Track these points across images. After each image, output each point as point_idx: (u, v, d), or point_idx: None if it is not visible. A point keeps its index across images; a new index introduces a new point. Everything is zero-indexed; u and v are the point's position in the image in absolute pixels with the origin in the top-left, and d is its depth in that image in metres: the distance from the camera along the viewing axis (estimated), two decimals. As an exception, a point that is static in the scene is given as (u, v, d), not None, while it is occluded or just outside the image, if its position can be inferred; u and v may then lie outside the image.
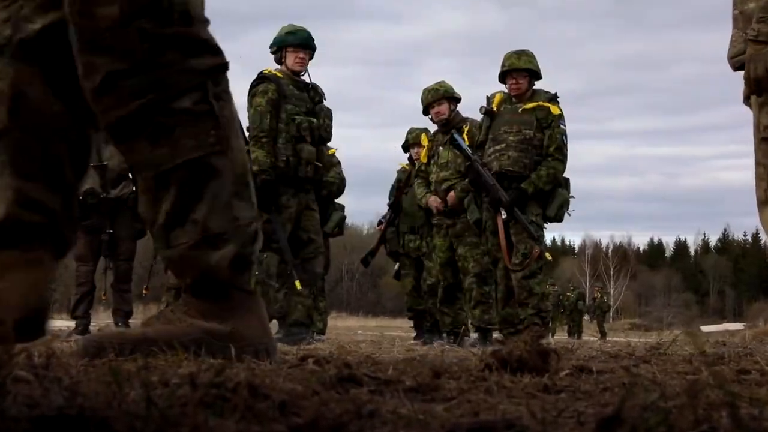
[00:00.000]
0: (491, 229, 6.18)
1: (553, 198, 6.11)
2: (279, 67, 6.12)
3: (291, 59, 6.04)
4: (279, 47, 6.08)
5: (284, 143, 5.88)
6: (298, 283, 5.91)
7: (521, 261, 6.00)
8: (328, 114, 6.16)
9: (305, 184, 6.04)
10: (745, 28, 4.06)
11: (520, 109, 6.16)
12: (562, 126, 6.11)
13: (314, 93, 6.15)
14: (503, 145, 6.13)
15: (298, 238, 6.06)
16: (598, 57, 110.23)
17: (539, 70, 6.24)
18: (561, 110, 6.16)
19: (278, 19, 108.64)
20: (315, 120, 6.02)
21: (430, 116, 7.04)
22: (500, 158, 6.12)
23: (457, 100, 7.04)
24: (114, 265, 7.79)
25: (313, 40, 6.12)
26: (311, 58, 6.15)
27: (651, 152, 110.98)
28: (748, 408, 1.69)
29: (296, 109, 5.96)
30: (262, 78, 5.98)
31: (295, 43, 6.04)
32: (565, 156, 6.12)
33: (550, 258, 6.10)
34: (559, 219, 6.24)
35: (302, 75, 6.12)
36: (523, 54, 6.21)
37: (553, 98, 6.19)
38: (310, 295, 6.19)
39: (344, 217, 7.92)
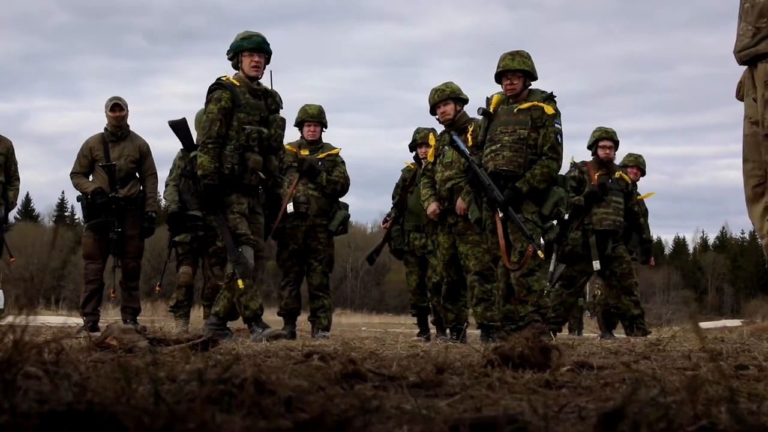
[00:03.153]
0: (491, 228, 6.18)
1: (547, 196, 6.11)
2: (237, 73, 6.14)
3: (247, 63, 6.06)
4: (235, 53, 6.11)
5: (232, 151, 5.92)
6: (240, 282, 5.88)
7: (518, 259, 6.00)
8: (280, 124, 6.17)
9: (251, 191, 6.08)
10: (755, 22, 3.99)
11: (515, 109, 6.16)
12: (556, 125, 6.11)
13: (272, 101, 6.16)
14: (498, 145, 6.15)
15: None
16: (604, 57, 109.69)
17: (534, 70, 6.23)
18: (556, 110, 6.15)
19: (287, 20, 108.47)
20: (266, 130, 6.04)
21: (436, 116, 7.03)
22: (495, 158, 6.14)
23: (464, 101, 7.03)
24: (122, 263, 7.80)
25: (268, 44, 6.13)
26: (267, 62, 6.15)
27: (654, 151, 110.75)
28: (746, 403, 1.69)
29: (249, 117, 5.98)
30: (218, 85, 6.02)
31: (250, 47, 6.04)
32: (559, 155, 6.12)
33: (543, 256, 6.08)
34: (555, 217, 6.23)
35: (260, 79, 6.12)
36: (518, 54, 6.20)
37: (549, 98, 6.19)
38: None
39: (348, 216, 7.92)
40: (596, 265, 8.21)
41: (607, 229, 8.25)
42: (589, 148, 8.59)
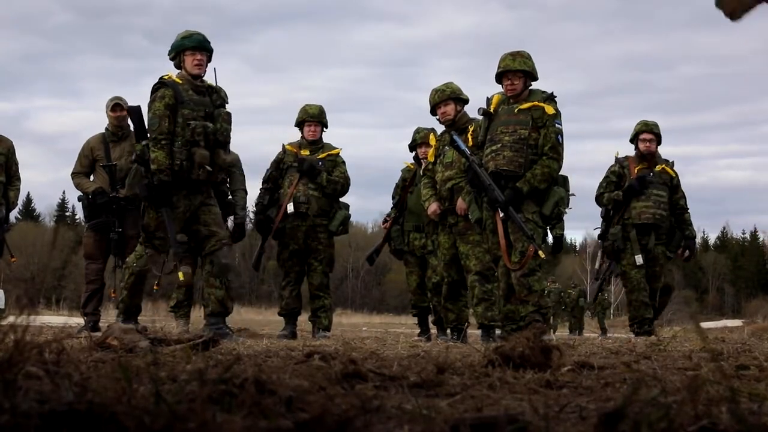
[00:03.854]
0: (491, 228, 6.18)
1: (548, 196, 6.10)
2: (180, 72, 6.22)
3: (189, 62, 6.15)
4: (177, 52, 6.19)
5: (179, 147, 6.02)
6: (181, 274, 6.16)
7: (519, 259, 6.00)
8: (226, 118, 6.25)
9: (200, 186, 6.17)
10: None
11: (516, 110, 6.16)
12: (557, 125, 6.10)
13: (216, 96, 6.25)
14: (499, 145, 6.15)
15: (199, 233, 6.21)
16: (604, 57, 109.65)
17: (534, 70, 6.23)
18: (556, 110, 6.14)
19: (288, 20, 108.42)
20: (211, 125, 6.13)
21: (437, 116, 7.03)
22: (496, 158, 6.14)
23: (464, 101, 7.03)
24: (123, 263, 7.78)
25: (209, 42, 6.24)
26: (209, 60, 6.25)
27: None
28: (747, 403, 1.69)
29: (193, 113, 6.08)
30: (161, 83, 6.11)
31: (191, 45, 6.14)
32: (560, 155, 6.11)
33: (544, 256, 6.06)
34: (556, 217, 6.20)
35: (203, 77, 6.22)
36: (518, 55, 6.20)
37: (549, 98, 6.18)
38: (222, 286, 6.27)
39: (348, 216, 7.91)
40: (639, 259, 8.04)
41: (646, 223, 8.08)
42: (631, 141, 8.40)
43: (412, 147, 8.43)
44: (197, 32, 6.22)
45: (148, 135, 6.08)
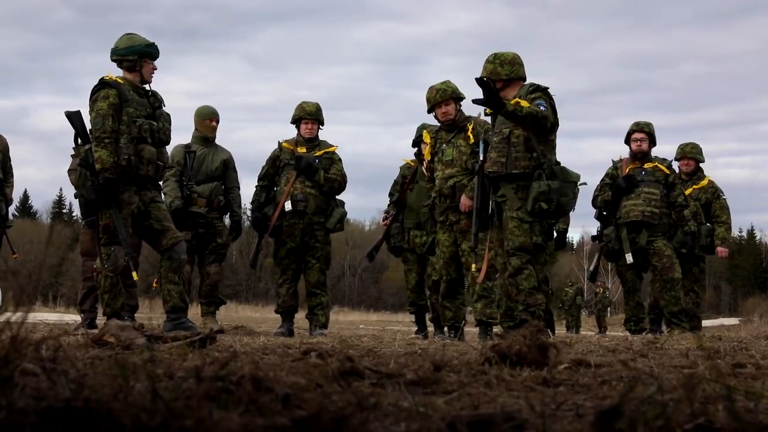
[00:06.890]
0: (498, 225, 6.22)
1: (528, 193, 5.98)
2: (122, 74, 6.28)
3: (148, 70, 6.28)
4: (141, 56, 6.25)
5: (126, 143, 6.08)
6: (135, 274, 6.27)
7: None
8: (167, 119, 6.37)
9: (147, 183, 6.24)
10: None
11: None
12: (538, 106, 5.86)
13: (154, 99, 6.36)
14: (490, 148, 6.18)
15: (152, 229, 6.25)
16: (606, 55, 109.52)
17: (496, 72, 6.09)
18: (536, 96, 5.94)
19: (289, 18, 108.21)
20: (155, 123, 6.24)
21: (434, 115, 7.02)
22: (487, 162, 6.21)
23: (462, 99, 7.05)
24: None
25: None
26: None
27: (655, 149, 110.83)
28: (743, 401, 1.69)
29: (137, 112, 6.16)
30: (103, 84, 6.16)
31: (155, 56, 6.30)
32: (546, 116, 5.85)
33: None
34: (539, 213, 6.00)
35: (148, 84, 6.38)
36: (487, 60, 6.20)
37: (531, 91, 6.00)
38: (180, 281, 6.34)
39: (345, 214, 7.91)
40: (628, 258, 8.08)
41: (634, 220, 8.11)
42: (625, 142, 8.46)
43: (416, 143, 8.39)
44: (154, 43, 6.35)
45: (91, 135, 6.11)
